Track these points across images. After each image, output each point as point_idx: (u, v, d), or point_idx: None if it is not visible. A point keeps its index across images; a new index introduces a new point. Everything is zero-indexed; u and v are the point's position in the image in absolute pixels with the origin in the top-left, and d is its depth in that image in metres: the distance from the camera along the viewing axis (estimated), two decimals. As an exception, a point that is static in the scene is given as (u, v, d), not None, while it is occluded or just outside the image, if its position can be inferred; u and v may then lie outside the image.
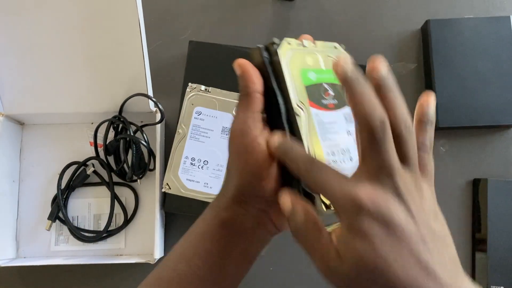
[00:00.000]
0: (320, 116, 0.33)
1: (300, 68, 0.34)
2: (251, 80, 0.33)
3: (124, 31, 0.53)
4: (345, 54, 0.36)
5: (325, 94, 0.34)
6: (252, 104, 0.32)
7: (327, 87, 0.34)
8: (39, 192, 0.63)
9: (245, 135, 0.32)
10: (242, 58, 0.34)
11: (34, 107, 0.60)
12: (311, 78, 0.34)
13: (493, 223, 0.59)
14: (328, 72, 0.35)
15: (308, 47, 0.35)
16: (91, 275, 0.62)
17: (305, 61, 0.34)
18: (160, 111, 0.59)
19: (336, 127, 0.33)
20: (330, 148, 0.32)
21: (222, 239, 0.33)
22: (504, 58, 0.62)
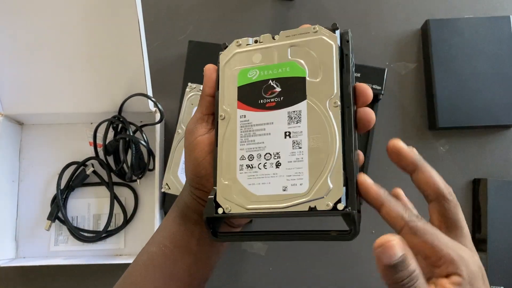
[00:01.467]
0: (248, 118, 0.32)
1: (240, 68, 0.33)
2: (206, 84, 0.35)
3: (124, 31, 0.53)
4: (324, 35, 0.32)
5: (266, 93, 0.32)
6: (202, 106, 0.35)
7: (273, 84, 0.32)
8: (38, 192, 0.63)
9: (191, 134, 0.34)
10: (210, 64, 0.36)
11: (33, 107, 0.60)
12: (251, 77, 0.33)
13: (493, 223, 0.59)
14: (282, 65, 0.32)
15: (264, 42, 0.34)
16: (91, 275, 0.62)
17: (251, 60, 0.33)
18: (160, 111, 0.59)
19: (270, 128, 0.31)
20: (250, 151, 0.31)
21: (185, 222, 0.36)
22: (504, 58, 0.62)
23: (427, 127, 0.65)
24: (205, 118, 0.35)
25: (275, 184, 0.30)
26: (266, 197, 0.30)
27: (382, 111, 0.64)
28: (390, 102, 0.66)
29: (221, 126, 0.32)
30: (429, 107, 0.64)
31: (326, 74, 0.31)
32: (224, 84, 0.33)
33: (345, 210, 0.28)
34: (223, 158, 0.32)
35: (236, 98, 0.33)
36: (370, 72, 0.61)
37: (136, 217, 0.62)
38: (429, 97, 0.64)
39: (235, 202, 0.31)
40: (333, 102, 0.30)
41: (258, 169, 0.31)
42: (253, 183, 0.31)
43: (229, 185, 0.31)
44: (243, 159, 0.31)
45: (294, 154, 0.30)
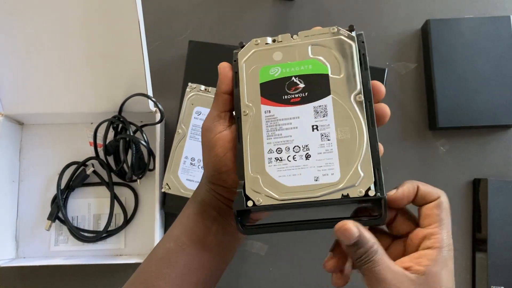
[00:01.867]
0: (273, 113, 0.33)
1: (261, 66, 0.35)
2: (222, 82, 0.36)
3: (124, 31, 0.53)
4: (344, 35, 0.34)
5: (290, 89, 0.33)
6: (218, 104, 0.35)
7: (296, 80, 0.33)
8: (38, 192, 0.63)
9: (209, 131, 0.35)
10: (224, 62, 0.36)
11: (34, 107, 0.60)
12: (273, 74, 0.34)
13: (493, 223, 0.59)
14: (303, 63, 0.34)
15: (283, 41, 0.35)
16: (91, 275, 0.62)
17: (271, 58, 0.35)
18: (160, 111, 0.59)
19: (296, 122, 0.32)
20: (277, 144, 0.32)
21: (203, 218, 0.37)
22: (504, 58, 0.62)
23: (427, 127, 0.65)
24: (222, 115, 0.35)
25: (306, 174, 0.31)
26: (298, 187, 0.31)
27: (382, 111, 0.64)
28: (390, 102, 0.65)
29: (244, 122, 0.33)
30: (429, 107, 0.64)
31: (348, 71, 0.33)
32: (244, 81, 0.34)
33: (377, 196, 0.30)
34: (250, 153, 0.33)
35: (259, 94, 0.34)
36: (370, 72, 0.61)
37: (136, 217, 0.62)
38: (429, 97, 0.64)
39: (266, 194, 0.31)
40: (357, 97, 0.32)
41: (288, 161, 0.32)
42: (284, 174, 0.32)
43: (258, 178, 0.32)
44: (271, 153, 0.32)
45: (323, 146, 0.31)
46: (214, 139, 0.34)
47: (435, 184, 0.65)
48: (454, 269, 0.63)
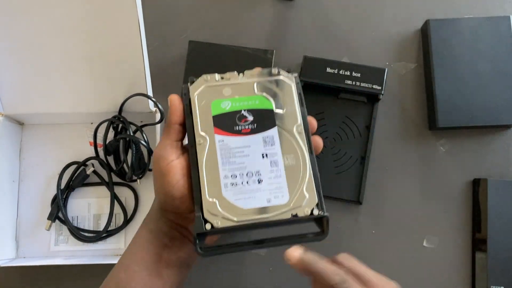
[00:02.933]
0: (227, 142, 0.36)
1: (212, 100, 0.38)
2: (173, 113, 0.38)
3: (124, 31, 0.53)
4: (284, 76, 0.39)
5: (240, 121, 0.37)
6: (170, 134, 0.38)
7: (245, 114, 0.38)
8: (38, 192, 0.63)
9: (162, 160, 0.36)
10: (174, 94, 0.39)
11: (34, 107, 0.60)
12: (224, 107, 0.38)
13: (493, 223, 0.59)
14: (251, 98, 0.38)
15: (231, 79, 0.39)
16: (91, 275, 0.62)
17: (221, 93, 0.38)
18: (160, 111, 0.59)
19: (248, 151, 0.36)
20: (231, 171, 0.36)
21: (154, 246, 0.38)
22: (504, 58, 0.62)
23: (427, 127, 0.65)
24: (174, 144, 0.38)
25: (259, 197, 0.35)
26: (253, 210, 0.34)
27: (382, 111, 0.65)
28: (390, 102, 0.66)
29: (199, 150, 0.36)
30: (429, 107, 0.64)
31: (289, 107, 0.38)
32: (197, 112, 0.37)
33: (319, 214, 0.35)
34: (206, 179, 0.35)
35: (213, 125, 0.37)
36: (370, 72, 0.61)
37: (136, 217, 0.62)
38: (429, 97, 0.64)
39: (223, 216, 0.34)
40: (299, 129, 0.37)
41: (242, 185, 0.35)
42: (240, 198, 0.35)
43: (215, 202, 0.35)
44: (227, 178, 0.35)
45: (272, 171, 0.36)
46: (167, 167, 0.36)
47: (435, 184, 0.65)
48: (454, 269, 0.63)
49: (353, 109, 0.63)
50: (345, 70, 0.61)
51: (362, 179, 0.61)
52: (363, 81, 0.61)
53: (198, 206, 0.34)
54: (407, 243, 0.61)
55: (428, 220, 0.62)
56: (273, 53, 0.63)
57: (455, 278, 0.61)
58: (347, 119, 0.63)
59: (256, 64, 0.62)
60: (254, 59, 0.63)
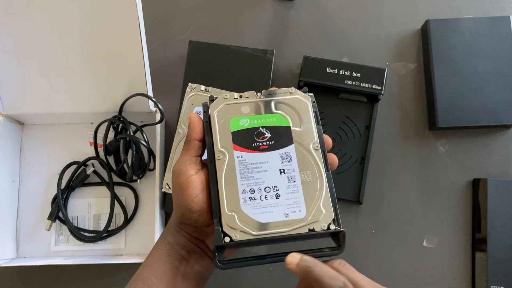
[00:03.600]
0: (245, 158, 0.37)
1: (231, 117, 0.39)
2: (193, 130, 0.39)
3: (124, 31, 0.53)
4: (300, 95, 0.40)
5: (259, 137, 0.38)
6: (189, 149, 0.39)
7: (263, 131, 0.39)
8: (39, 192, 0.63)
9: (182, 175, 0.37)
10: (194, 113, 0.41)
11: (34, 107, 0.60)
12: (243, 124, 0.39)
13: (493, 223, 0.59)
14: (269, 116, 0.39)
15: (250, 97, 0.40)
16: (91, 275, 0.62)
17: (240, 110, 0.39)
18: (160, 111, 0.59)
19: (266, 166, 0.37)
20: (250, 186, 0.36)
21: (171, 259, 0.39)
22: (504, 58, 0.62)
23: (427, 127, 0.65)
24: (193, 160, 0.38)
25: (277, 212, 0.36)
26: (271, 223, 0.35)
27: (382, 111, 0.65)
28: (390, 102, 0.66)
29: (219, 166, 0.37)
30: (429, 107, 0.64)
31: (306, 125, 0.39)
32: (217, 129, 0.39)
33: (336, 229, 0.35)
34: (225, 193, 0.36)
35: (231, 142, 0.38)
36: (370, 72, 0.61)
37: (136, 217, 0.62)
38: (429, 97, 0.64)
39: (242, 230, 0.35)
40: (315, 146, 0.38)
41: (260, 200, 0.36)
42: (258, 212, 0.36)
43: (234, 215, 0.35)
44: (245, 193, 0.36)
45: (290, 186, 0.36)
46: (187, 181, 0.37)
47: (435, 184, 0.65)
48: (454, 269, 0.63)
49: (353, 109, 0.63)
50: (345, 70, 0.61)
51: (362, 179, 0.61)
52: (363, 81, 0.61)
53: (217, 220, 0.35)
54: (407, 243, 0.62)
55: (428, 220, 0.62)
56: (273, 53, 0.63)
57: (455, 278, 0.61)
58: (347, 119, 0.63)
59: (256, 64, 0.62)
60: (254, 59, 0.63)
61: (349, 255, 0.61)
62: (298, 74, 0.63)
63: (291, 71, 0.67)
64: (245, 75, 0.63)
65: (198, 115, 0.40)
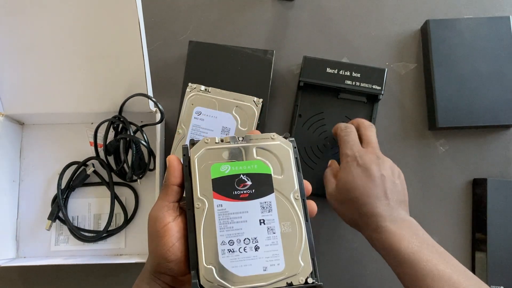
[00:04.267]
0: (225, 207, 0.37)
1: (212, 163, 0.38)
2: (171, 174, 0.38)
3: (124, 31, 0.53)
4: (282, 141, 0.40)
5: (239, 185, 0.37)
6: (168, 194, 0.38)
7: (244, 178, 0.38)
8: (39, 192, 0.63)
9: (158, 221, 0.36)
10: (172, 155, 0.39)
11: (34, 107, 0.60)
12: (224, 171, 0.38)
13: (493, 223, 0.59)
14: (250, 163, 0.38)
15: (231, 142, 0.39)
16: (91, 275, 0.62)
17: (221, 156, 0.39)
18: (160, 111, 0.59)
19: (246, 216, 0.36)
20: (229, 237, 0.36)
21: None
22: (504, 58, 0.62)
23: (427, 127, 0.65)
24: (170, 206, 0.37)
25: (256, 265, 0.35)
26: (249, 277, 0.35)
27: (382, 111, 0.65)
28: (390, 102, 0.66)
29: (198, 214, 0.36)
30: (429, 107, 0.64)
31: (286, 172, 0.39)
32: (197, 176, 0.38)
33: (314, 283, 0.35)
34: (203, 244, 0.35)
35: (211, 189, 0.37)
36: (370, 72, 0.61)
37: (136, 217, 0.62)
38: (428, 97, 0.64)
39: (219, 284, 0.34)
40: (296, 195, 0.38)
41: (239, 252, 0.35)
42: (236, 265, 0.35)
43: (212, 268, 0.35)
44: (224, 244, 0.36)
45: (269, 238, 0.36)
46: (163, 229, 0.36)
47: (435, 184, 0.65)
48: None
49: (353, 109, 0.63)
50: (345, 70, 0.61)
51: (362, 179, 0.61)
52: (363, 81, 0.61)
53: (194, 272, 0.35)
54: (407, 243, 0.61)
55: (428, 220, 0.62)
56: (273, 53, 0.63)
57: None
58: (347, 119, 0.63)
59: (256, 64, 0.62)
60: (254, 59, 0.63)
61: (349, 255, 0.61)
62: (298, 74, 0.63)
63: (291, 71, 0.67)
64: (245, 75, 0.63)
65: (177, 158, 0.39)
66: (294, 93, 0.65)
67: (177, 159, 0.39)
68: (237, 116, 0.59)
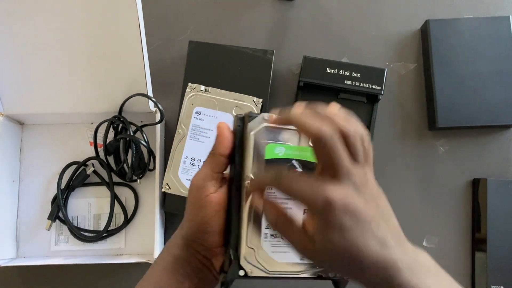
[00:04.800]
0: (274, 190, 0.35)
1: (267, 142, 0.36)
2: (221, 143, 0.36)
3: (124, 31, 0.53)
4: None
5: (290, 170, 0.36)
6: (214, 164, 0.36)
7: (295, 164, 0.36)
8: (39, 192, 0.63)
9: (201, 191, 0.35)
10: (223, 122, 0.37)
11: (34, 107, 0.60)
12: (277, 153, 0.36)
13: (493, 223, 0.59)
14: (303, 149, 0.37)
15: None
16: (91, 275, 0.62)
17: (277, 137, 0.36)
18: (160, 111, 0.59)
19: (291, 203, 0.35)
20: None
21: (177, 274, 0.38)
22: (504, 58, 0.62)
23: (427, 127, 0.65)
24: (215, 176, 0.36)
25: (293, 253, 0.35)
26: (285, 264, 0.35)
27: (382, 111, 0.65)
28: (390, 102, 0.66)
29: (245, 193, 0.35)
30: (429, 107, 0.64)
31: None
32: (251, 152, 0.36)
33: (340, 278, 0.35)
34: (248, 224, 0.35)
35: (264, 170, 0.35)
36: (370, 72, 0.61)
37: (136, 217, 0.62)
38: (428, 97, 0.64)
39: (258, 267, 0.34)
40: None
41: (280, 239, 0.35)
42: (275, 251, 0.35)
43: (253, 250, 0.35)
44: (268, 228, 0.35)
45: None
46: (205, 199, 0.35)
47: (435, 184, 0.65)
48: (454, 269, 0.63)
49: (353, 109, 0.62)
50: (345, 70, 0.61)
51: (362, 179, 0.61)
52: (363, 81, 0.61)
53: (234, 252, 0.35)
54: (407, 243, 0.61)
55: (428, 220, 0.62)
56: (273, 53, 0.63)
57: (455, 278, 0.61)
58: (347, 119, 0.63)
59: (256, 64, 0.62)
60: (254, 59, 0.63)
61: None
62: (298, 74, 0.63)
63: (291, 71, 0.67)
64: (245, 75, 0.63)
65: (228, 126, 0.37)
66: (294, 93, 0.65)
67: (228, 128, 0.36)
68: (237, 116, 0.59)
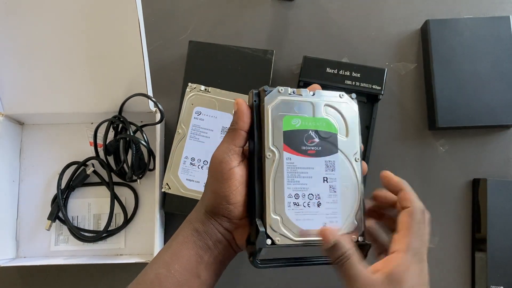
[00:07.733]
0: (293, 160, 0.37)
1: (284, 114, 0.38)
2: (241, 118, 0.38)
3: (124, 31, 0.53)
4: (349, 102, 0.40)
5: (307, 141, 0.38)
6: (235, 139, 0.38)
7: (313, 134, 0.38)
8: (39, 192, 0.63)
9: (224, 164, 0.37)
10: (240, 98, 0.38)
11: (34, 107, 0.60)
12: (295, 124, 0.38)
13: (492, 223, 0.59)
14: (319, 120, 0.38)
15: (303, 95, 0.39)
16: (91, 275, 0.62)
17: (293, 109, 0.38)
18: (160, 111, 0.59)
19: (311, 173, 0.37)
20: (295, 191, 0.37)
21: (196, 247, 0.38)
22: (504, 58, 0.62)
23: (427, 127, 0.65)
24: (236, 150, 0.37)
25: (317, 220, 0.37)
26: (310, 231, 0.36)
27: (382, 111, 0.65)
28: (390, 102, 0.66)
29: (267, 164, 0.37)
30: (429, 107, 0.64)
31: (351, 133, 0.39)
32: (270, 125, 0.37)
33: (365, 242, 0.37)
34: (271, 194, 0.36)
35: (282, 141, 0.37)
36: (370, 72, 0.61)
37: (136, 217, 0.62)
38: (428, 97, 0.64)
39: (284, 235, 0.36)
40: (356, 157, 0.39)
41: (303, 207, 0.37)
42: (300, 218, 0.36)
43: (278, 219, 0.36)
44: (291, 197, 0.37)
45: (331, 196, 0.37)
46: (230, 172, 0.37)
47: (435, 184, 0.65)
48: (454, 269, 0.63)
49: (353, 109, 0.63)
50: (345, 70, 0.61)
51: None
52: (363, 81, 0.61)
53: (260, 221, 0.36)
54: (407, 243, 0.61)
55: (428, 220, 0.62)
56: (273, 53, 0.63)
57: (455, 278, 0.61)
58: (347, 119, 0.63)
59: (256, 64, 0.62)
60: (254, 59, 0.63)
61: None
62: (298, 74, 0.63)
63: (291, 71, 0.67)
64: (245, 75, 0.63)
65: (245, 102, 0.38)
66: (294, 93, 0.65)
67: (246, 104, 0.38)
68: (237, 116, 0.59)
